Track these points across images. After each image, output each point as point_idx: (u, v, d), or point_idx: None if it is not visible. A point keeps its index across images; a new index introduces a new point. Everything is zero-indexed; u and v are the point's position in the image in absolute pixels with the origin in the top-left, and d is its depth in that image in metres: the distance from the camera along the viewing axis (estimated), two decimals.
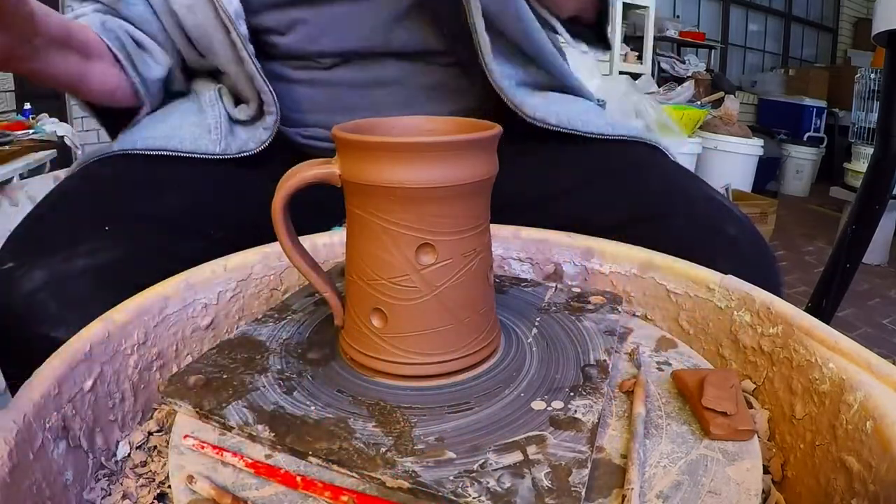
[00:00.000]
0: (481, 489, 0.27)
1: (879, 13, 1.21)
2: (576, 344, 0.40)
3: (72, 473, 0.33)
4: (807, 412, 0.36)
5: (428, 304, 0.35)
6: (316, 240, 0.54)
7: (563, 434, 0.31)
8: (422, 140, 0.33)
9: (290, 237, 0.38)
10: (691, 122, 3.33)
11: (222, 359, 0.38)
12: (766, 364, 0.41)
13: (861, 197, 1.31)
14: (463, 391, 0.35)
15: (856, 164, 3.02)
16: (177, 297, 0.44)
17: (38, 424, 0.31)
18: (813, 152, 4.48)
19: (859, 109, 3.10)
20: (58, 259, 0.46)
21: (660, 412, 0.36)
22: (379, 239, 0.34)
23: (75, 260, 0.46)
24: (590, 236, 0.53)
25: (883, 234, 2.71)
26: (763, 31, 5.56)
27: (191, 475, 0.30)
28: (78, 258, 0.46)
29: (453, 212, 0.34)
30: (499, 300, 0.44)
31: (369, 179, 0.33)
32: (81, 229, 0.49)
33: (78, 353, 0.35)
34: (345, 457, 0.30)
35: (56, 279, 0.45)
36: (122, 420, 0.39)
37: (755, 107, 5.07)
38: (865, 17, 5.54)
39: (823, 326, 0.37)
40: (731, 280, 0.44)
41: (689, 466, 0.31)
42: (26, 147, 1.78)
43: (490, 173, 0.35)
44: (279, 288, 0.52)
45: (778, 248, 3.07)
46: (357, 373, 0.37)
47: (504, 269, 0.56)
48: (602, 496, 0.29)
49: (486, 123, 0.37)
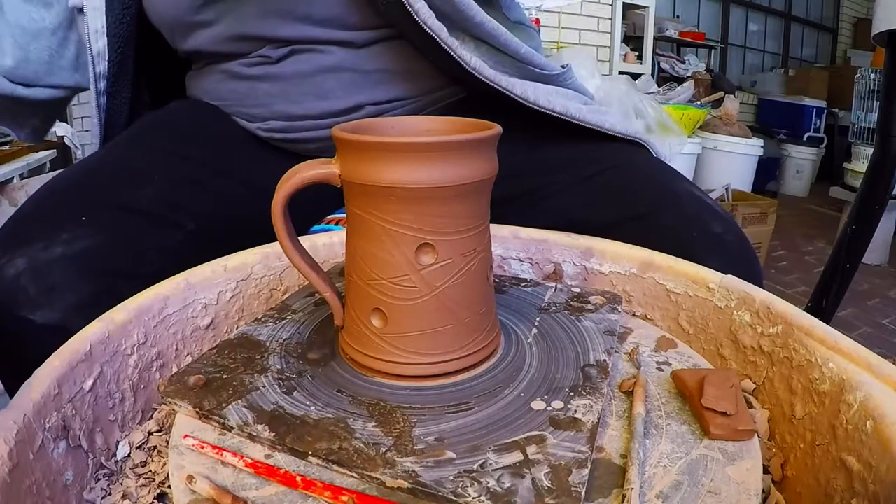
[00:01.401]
0: (481, 489, 0.27)
1: (879, 13, 1.21)
2: (576, 344, 0.40)
3: (72, 473, 0.33)
4: (807, 412, 0.36)
5: (428, 304, 0.35)
6: (316, 240, 0.54)
7: (563, 434, 0.31)
8: (422, 140, 0.33)
9: (290, 237, 0.38)
10: (691, 122, 3.33)
11: (222, 359, 0.38)
12: (766, 364, 0.41)
13: (861, 197, 1.31)
14: (463, 391, 0.35)
15: (856, 164, 3.02)
16: (177, 297, 0.44)
17: (38, 424, 0.31)
18: (813, 152, 4.48)
19: (859, 109, 3.10)
20: (38, 247, 0.48)
21: (660, 412, 0.36)
22: (379, 239, 0.34)
23: (53, 248, 0.49)
24: (590, 236, 0.53)
25: (883, 234, 2.71)
26: (763, 31, 5.56)
27: (191, 475, 0.30)
28: (56, 246, 0.49)
29: (453, 212, 0.34)
30: (499, 300, 0.44)
31: (369, 179, 0.33)
32: (61, 219, 0.51)
33: (78, 353, 0.35)
34: (345, 457, 0.30)
35: (35, 266, 0.47)
36: (122, 420, 0.39)
37: (755, 107, 5.06)
38: (865, 17, 5.54)
39: (823, 326, 0.37)
40: (731, 280, 0.44)
41: (689, 466, 0.31)
42: (26, 147, 1.78)
43: (490, 173, 0.35)
44: (279, 288, 0.52)
45: (778, 248, 3.07)
46: (357, 373, 0.37)
47: (504, 269, 0.56)
48: (602, 496, 0.29)
49: (486, 123, 0.37)
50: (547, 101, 0.61)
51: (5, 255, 0.48)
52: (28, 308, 0.46)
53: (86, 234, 0.51)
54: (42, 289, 0.47)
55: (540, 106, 0.61)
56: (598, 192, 0.60)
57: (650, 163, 0.64)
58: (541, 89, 0.63)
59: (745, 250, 0.56)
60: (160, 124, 0.70)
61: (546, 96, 0.62)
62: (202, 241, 0.50)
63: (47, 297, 0.47)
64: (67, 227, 0.50)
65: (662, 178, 0.61)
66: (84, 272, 0.49)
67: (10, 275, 0.47)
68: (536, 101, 0.61)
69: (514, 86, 0.61)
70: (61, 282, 0.48)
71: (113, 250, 0.51)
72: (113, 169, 0.60)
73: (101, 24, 0.66)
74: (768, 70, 5.44)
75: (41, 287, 0.47)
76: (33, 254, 0.48)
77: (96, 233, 0.51)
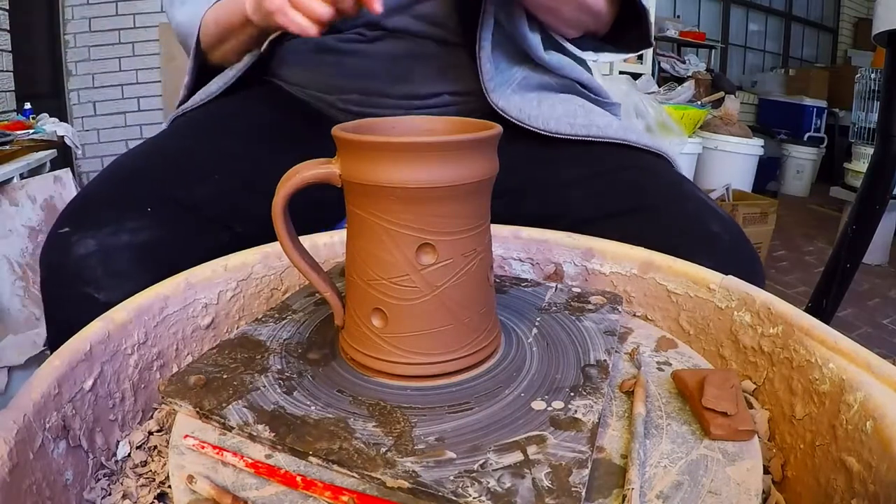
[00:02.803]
0: (481, 489, 0.27)
1: (879, 13, 1.21)
2: (576, 344, 0.40)
3: (72, 473, 0.33)
4: (807, 412, 0.36)
5: (428, 304, 0.35)
6: (316, 240, 0.54)
7: (563, 434, 0.31)
8: (422, 140, 0.33)
9: (290, 237, 0.38)
10: (691, 122, 3.32)
11: (222, 359, 0.38)
12: (766, 364, 0.41)
13: (861, 197, 1.32)
14: (463, 391, 0.35)
15: (856, 164, 3.02)
16: (177, 297, 0.44)
17: (38, 424, 0.31)
18: (813, 152, 4.47)
19: (859, 109, 3.09)
20: (106, 231, 0.53)
21: (660, 412, 0.36)
22: (379, 239, 0.34)
23: (121, 235, 0.53)
24: (590, 236, 0.53)
25: (883, 234, 2.70)
26: (763, 31, 5.56)
27: (191, 475, 0.30)
28: (123, 233, 0.53)
29: (453, 212, 0.34)
30: (499, 300, 0.44)
31: (369, 179, 0.33)
32: (128, 206, 0.56)
33: (78, 352, 0.35)
34: (345, 457, 0.30)
35: (103, 249, 0.52)
36: (122, 420, 0.39)
37: (755, 107, 5.06)
38: (865, 17, 5.53)
39: (823, 326, 0.37)
40: (732, 280, 0.44)
41: (690, 466, 0.31)
42: (26, 147, 1.78)
43: (490, 173, 0.35)
44: (279, 288, 0.52)
45: (778, 248, 3.07)
46: (357, 373, 0.37)
47: (504, 269, 0.56)
48: (602, 496, 0.29)
49: (487, 123, 0.37)
50: (569, 126, 0.66)
51: (76, 232, 0.53)
52: (94, 287, 0.51)
53: (149, 225, 0.55)
54: (108, 272, 0.52)
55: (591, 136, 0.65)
56: (604, 185, 0.62)
57: (659, 165, 0.65)
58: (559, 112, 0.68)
59: (742, 252, 0.56)
60: (230, 117, 0.72)
61: (567, 119, 0.67)
62: (246, 244, 0.53)
63: (111, 281, 0.52)
64: (133, 216, 0.55)
65: (668, 178, 0.62)
66: (144, 262, 0.53)
67: (81, 253, 0.52)
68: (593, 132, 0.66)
69: (533, 119, 0.66)
70: (125, 269, 0.52)
71: (169, 244, 0.55)
72: (179, 159, 0.64)
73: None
74: (769, 70, 5.43)
75: (108, 270, 0.52)
76: (102, 238, 0.52)
77: (158, 225, 0.55)
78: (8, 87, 2.36)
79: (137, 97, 3.05)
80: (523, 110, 0.67)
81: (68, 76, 2.93)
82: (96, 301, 0.51)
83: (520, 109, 0.67)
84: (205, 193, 0.60)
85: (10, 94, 2.36)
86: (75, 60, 2.93)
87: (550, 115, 0.67)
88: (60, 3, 2.84)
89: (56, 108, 2.79)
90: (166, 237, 0.55)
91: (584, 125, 0.66)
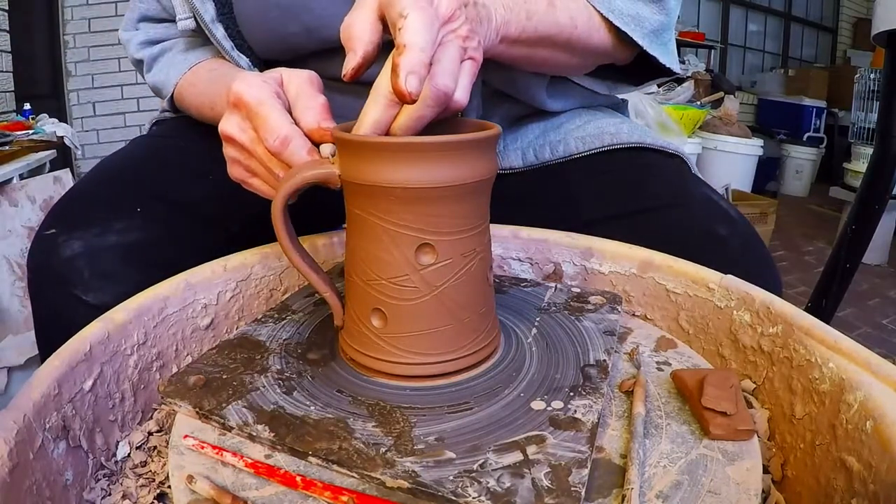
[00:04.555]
0: (481, 489, 0.27)
1: (879, 13, 1.21)
2: (576, 344, 0.40)
3: (72, 473, 0.33)
4: (807, 412, 0.36)
5: (427, 305, 0.35)
6: (316, 240, 0.54)
7: (562, 434, 0.31)
8: (422, 140, 0.33)
9: (290, 237, 0.38)
10: (691, 122, 3.32)
11: (222, 359, 0.38)
12: (765, 364, 0.41)
13: (861, 197, 1.31)
14: (463, 391, 0.35)
15: (856, 164, 3.02)
16: (176, 298, 0.44)
17: (38, 424, 0.31)
18: (813, 152, 4.47)
19: (859, 109, 3.09)
20: (93, 232, 0.52)
21: (660, 412, 0.36)
22: (379, 239, 0.34)
23: (108, 236, 0.52)
24: (589, 236, 0.53)
25: (883, 234, 2.70)
26: (763, 32, 5.56)
27: (191, 475, 0.30)
28: (110, 234, 0.52)
29: (453, 212, 0.34)
30: (499, 300, 0.44)
31: (369, 179, 0.33)
32: (117, 206, 0.55)
33: (78, 353, 0.35)
34: (345, 457, 0.30)
35: (90, 250, 0.51)
36: (122, 420, 0.39)
37: (755, 107, 5.06)
38: (865, 17, 5.53)
39: (823, 326, 0.37)
40: (731, 280, 0.44)
41: (689, 466, 0.31)
42: (26, 147, 1.78)
43: (490, 173, 0.35)
44: (279, 288, 0.52)
45: (778, 248, 3.07)
46: (357, 373, 0.37)
47: (504, 269, 0.55)
48: (602, 496, 0.29)
49: (486, 123, 0.37)
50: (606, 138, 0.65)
51: (62, 234, 0.51)
52: (81, 288, 0.50)
53: (138, 225, 0.54)
54: (95, 273, 0.50)
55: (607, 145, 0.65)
56: (610, 186, 0.61)
57: (668, 164, 0.64)
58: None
59: (752, 255, 0.54)
60: None
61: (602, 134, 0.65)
62: (243, 243, 0.52)
63: (99, 282, 0.50)
64: (122, 216, 0.53)
65: (675, 178, 0.61)
66: (133, 262, 0.52)
67: (67, 255, 0.50)
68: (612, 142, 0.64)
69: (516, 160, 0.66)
70: (112, 270, 0.51)
71: (161, 244, 0.54)
72: (170, 159, 0.62)
73: None
74: (768, 70, 5.43)
75: (94, 272, 0.50)
76: (89, 238, 0.51)
77: (148, 224, 0.54)
78: (7, 87, 2.36)
79: (137, 97, 3.06)
80: (527, 157, 0.67)
81: (68, 76, 2.94)
82: (84, 303, 0.50)
83: (523, 157, 0.67)
84: (199, 192, 0.59)
85: (9, 95, 2.37)
86: (75, 61, 2.93)
87: (557, 138, 0.66)
88: (60, 4, 2.84)
89: (55, 108, 2.79)
90: (157, 237, 0.54)
91: (596, 135, 0.65)
